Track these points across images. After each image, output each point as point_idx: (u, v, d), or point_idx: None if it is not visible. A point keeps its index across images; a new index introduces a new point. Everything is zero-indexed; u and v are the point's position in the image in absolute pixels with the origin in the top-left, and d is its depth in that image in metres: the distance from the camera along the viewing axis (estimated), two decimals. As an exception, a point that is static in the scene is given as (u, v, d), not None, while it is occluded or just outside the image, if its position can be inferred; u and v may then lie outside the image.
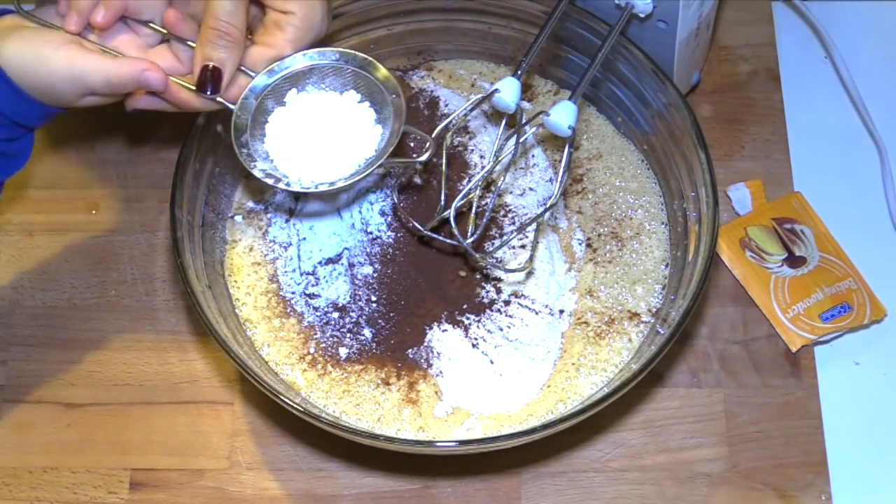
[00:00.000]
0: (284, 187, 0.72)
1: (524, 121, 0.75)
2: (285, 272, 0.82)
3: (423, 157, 0.73)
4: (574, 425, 0.71)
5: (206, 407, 0.84)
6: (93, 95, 0.70)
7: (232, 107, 0.72)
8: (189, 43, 0.71)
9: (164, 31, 0.72)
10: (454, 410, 0.77)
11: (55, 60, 0.67)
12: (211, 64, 0.70)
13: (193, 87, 0.71)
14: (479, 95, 0.76)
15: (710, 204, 0.75)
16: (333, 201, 0.84)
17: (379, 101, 0.74)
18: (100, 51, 0.70)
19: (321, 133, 0.73)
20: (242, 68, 0.72)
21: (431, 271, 0.81)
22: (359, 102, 0.74)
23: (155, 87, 0.70)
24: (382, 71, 0.74)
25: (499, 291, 0.80)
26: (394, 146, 0.72)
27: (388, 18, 0.87)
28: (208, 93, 0.70)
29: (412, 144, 0.86)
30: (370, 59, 0.74)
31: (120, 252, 0.91)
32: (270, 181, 0.72)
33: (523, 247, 0.82)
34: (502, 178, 0.79)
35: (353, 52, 0.74)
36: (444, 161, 0.76)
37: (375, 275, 0.81)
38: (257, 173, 0.72)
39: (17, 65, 0.67)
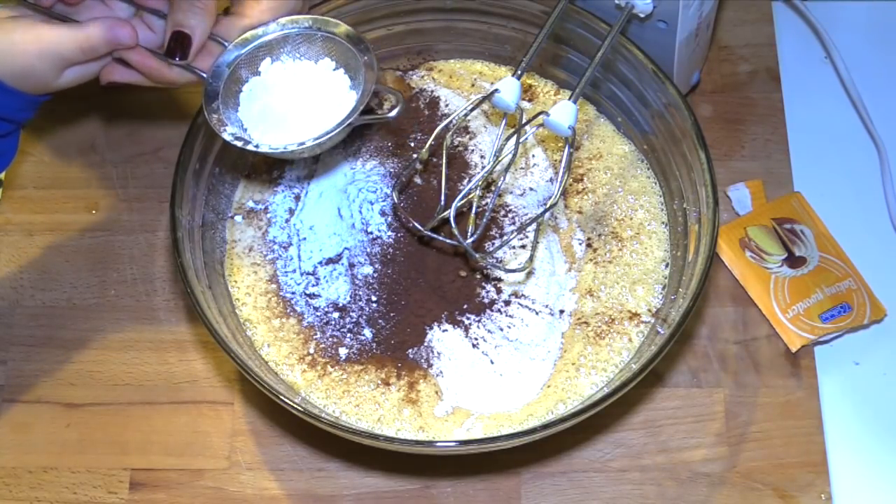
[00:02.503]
0: (253, 149, 0.73)
1: (524, 121, 0.75)
2: (285, 272, 0.82)
3: (393, 114, 0.73)
4: (574, 425, 0.71)
5: (206, 407, 0.84)
6: (72, 68, 0.71)
7: (203, 75, 0.73)
8: (162, 14, 0.72)
9: (136, 4, 0.73)
10: (454, 410, 0.77)
11: (26, 42, 0.68)
12: (181, 30, 0.70)
13: (163, 54, 0.71)
14: (480, 95, 0.76)
15: (710, 204, 0.75)
16: (319, 173, 0.85)
17: (353, 65, 0.75)
18: (68, 23, 0.71)
19: (296, 101, 0.74)
20: (216, 38, 0.73)
21: (431, 271, 0.81)
22: (333, 70, 0.75)
23: (125, 42, 0.70)
24: (344, 28, 0.74)
25: (499, 291, 0.80)
26: (364, 104, 0.73)
27: (388, 18, 0.87)
28: (177, 59, 0.71)
29: (412, 144, 0.86)
30: (337, 21, 0.75)
31: (120, 252, 0.91)
32: (239, 143, 0.73)
33: (523, 247, 0.82)
34: (502, 178, 0.79)
35: (324, 17, 0.75)
36: (444, 161, 0.76)
37: (376, 275, 0.81)
38: (226, 136, 0.73)
39: None
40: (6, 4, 0.72)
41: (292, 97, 0.74)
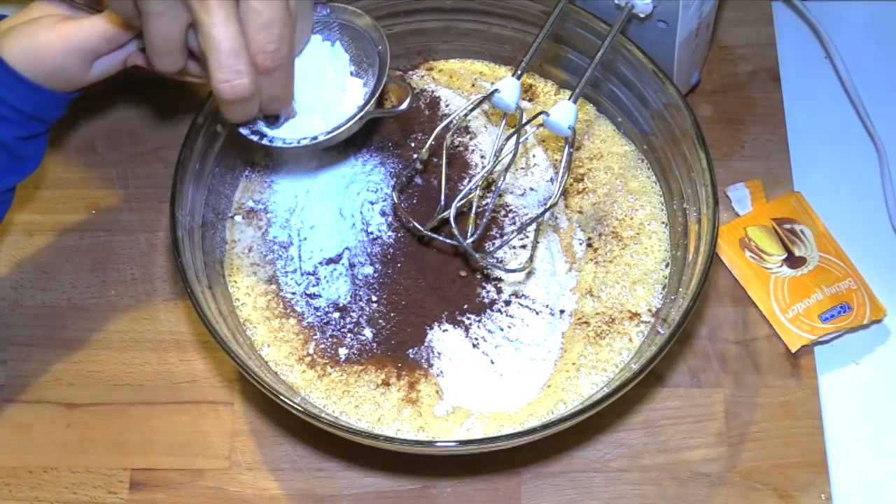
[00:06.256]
0: (267, 143, 0.74)
1: (524, 121, 0.75)
2: (285, 272, 0.82)
3: (404, 106, 0.74)
4: (574, 425, 0.71)
5: (206, 407, 0.84)
6: (99, 60, 0.72)
7: None
8: None
9: None
10: (454, 410, 0.77)
11: (52, 40, 0.69)
12: None
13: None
14: (480, 95, 0.76)
15: (710, 204, 0.75)
16: (332, 180, 0.85)
17: (369, 53, 0.75)
18: (89, 15, 0.71)
19: (305, 93, 0.74)
20: None
21: (432, 271, 0.81)
22: (348, 61, 0.75)
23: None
24: (367, 19, 0.75)
25: (499, 291, 0.80)
26: (376, 97, 0.73)
27: (388, 18, 0.87)
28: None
29: (412, 144, 0.86)
30: (357, 10, 0.75)
31: (120, 252, 0.91)
32: (255, 138, 0.74)
33: (524, 247, 0.82)
34: (502, 178, 0.80)
35: (341, 5, 0.75)
36: (444, 161, 0.76)
37: (376, 275, 0.81)
38: (242, 130, 0.74)
39: (21, 57, 0.69)
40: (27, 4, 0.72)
41: (301, 89, 0.74)
